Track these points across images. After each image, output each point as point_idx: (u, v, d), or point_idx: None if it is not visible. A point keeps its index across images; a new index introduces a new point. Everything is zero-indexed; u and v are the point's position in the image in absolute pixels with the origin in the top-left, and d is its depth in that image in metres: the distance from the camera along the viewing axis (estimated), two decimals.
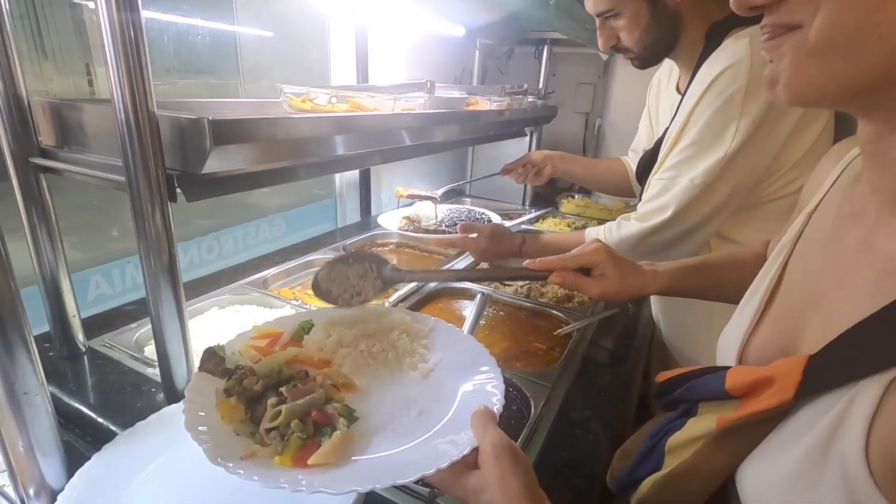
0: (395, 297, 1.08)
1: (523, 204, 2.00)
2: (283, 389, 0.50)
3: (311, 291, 1.16)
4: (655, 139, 1.08)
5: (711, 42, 0.90)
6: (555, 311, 1.07)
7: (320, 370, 0.57)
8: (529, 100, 1.59)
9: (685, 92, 0.94)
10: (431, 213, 1.49)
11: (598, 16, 0.98)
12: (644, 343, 1.05)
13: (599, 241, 0.74)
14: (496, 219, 1.57)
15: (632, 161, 1.31)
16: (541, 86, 1.88)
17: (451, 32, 1.65)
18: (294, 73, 1.50)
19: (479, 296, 1.11)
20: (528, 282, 1.18)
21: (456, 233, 1.13)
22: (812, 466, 0.33)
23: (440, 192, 1.47)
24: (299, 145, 0.72)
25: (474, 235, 1.07)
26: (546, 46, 1.88)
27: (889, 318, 0.31)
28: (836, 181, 0.48)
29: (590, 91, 2.23)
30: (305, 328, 0.64)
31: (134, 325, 0.89)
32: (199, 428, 0.46)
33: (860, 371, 0.31)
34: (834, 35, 0.31)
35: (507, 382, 0.79)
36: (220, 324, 0.93)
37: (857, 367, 0.32)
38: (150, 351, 0.83)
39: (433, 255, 1.45)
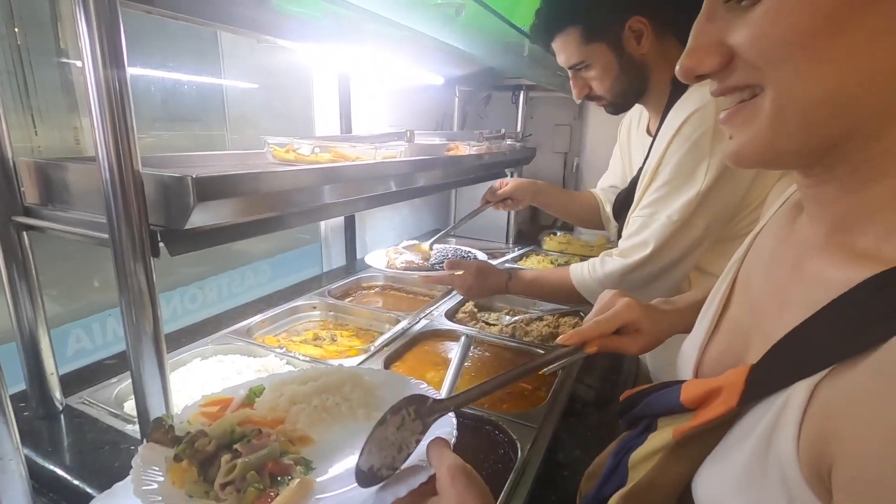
0: (379, 340, 1.08)
1: (507, 242, 2.04)
2: (237, 446, 0.50)
3: (295, 338, 1.16)
4: (630, 178, 1.12)
5: (677, 88, 0.95)
6: (540, 350, 1.08)
7: (274, 428, 0.57)
8: (508, 143, 1.65)
9: (656, 134, 1.00)
10: (419, 250, 1.51)
11: (569, 68, 1.03)
12: (629, 379, 1.06)
13: (625, 294, 0.71)
14: (482, 256, 1.59)
15: (601, 196, 1.36)
16: (519, 129, 1.95)
17: (431, 81, 1.72)
18: (279, 122, 1.54)
19: (463, 337, 1.11)
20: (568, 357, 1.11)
21: (443, 270, 1.15)
22: (756, 468, 0.35)
23: (428, 243, 1.49)
24: (284, 196, 0.74)
25: (461, 272, 1.08)
26: (522, 92, 1.97)
27: (812, 328, 0.34)
28: (778, 209, 0.51)
29: (567, 132, 2.31)
30: (257, 392, 0.64)
31: (114, 379, 0.87)
32: (151, 495, 0.45)
33: (791, 377, 0.33)
34: (786, 104, 0.33)
35: (493, 425, 0.79)
36: (202, 375, 0.92)
37: (788, 373, 0.33)
38: (131, 406, 0.81)
39: (419, 297, 1.46)
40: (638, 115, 1.20)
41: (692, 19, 0.38)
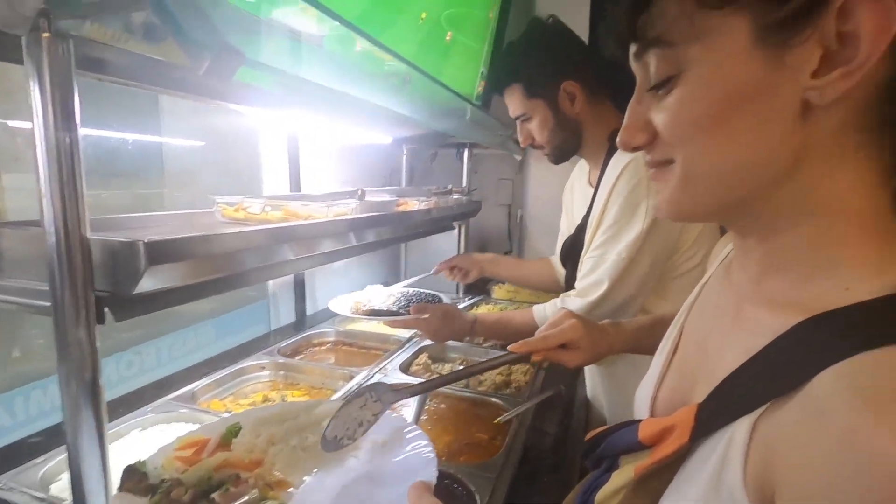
0: (332, 399, 1.06)
1: (457, 292, 2.08)
2: (214, 495, 0.48)
3: (243, 402, 1.11)
4: (575, 226, 1.22)
5: (614, 144, 1.06)
6: (494, 399, 1.10)
7: (252, 472, 0.55)
8: (455, 197, 1.73)
9: (598, 184, 1.10)
10: (382, 296, 1.49)
11: (515, 119, 1.16)
12: (581, 424, 1.09)
13: (574, 315, 0.83)
14: (447, 300, 1.60)
15: (556, 261, 1.46)
16: (464, 184, 2.05)
17: (380, 140, 1.79)
18: (224, 179, 1.53)
19: None
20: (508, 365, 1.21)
21: (408, 314, 1.16)
22: (710, 499, 0.37)
23: (397, 285, 1.51)
24: (236, 256, 0.74)
25: (426, 316, 1.10)
26: (466, 150, 2.08)
27: (750, 369, 0.38)
28: (724, 259, 0.57)
29: (509, 185, 2.44)
30: (233, 431, 0.62)
31: (39, 459, 0.80)
32: None
33: (734, 413, 0.36)
34: (693, 173, 0.40)
35: (451, 478, 0.79)
36: (141, 447, 0.86)
37: (732, 410, 0.37)
38: (59, 488, 0.75)
39: (372, 351, 1.45)
40: (579, 174, 1.32)
41: (623, 88, 0.45)
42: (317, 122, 1.53)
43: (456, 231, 2.04)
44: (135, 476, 0.51)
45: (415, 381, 1.17)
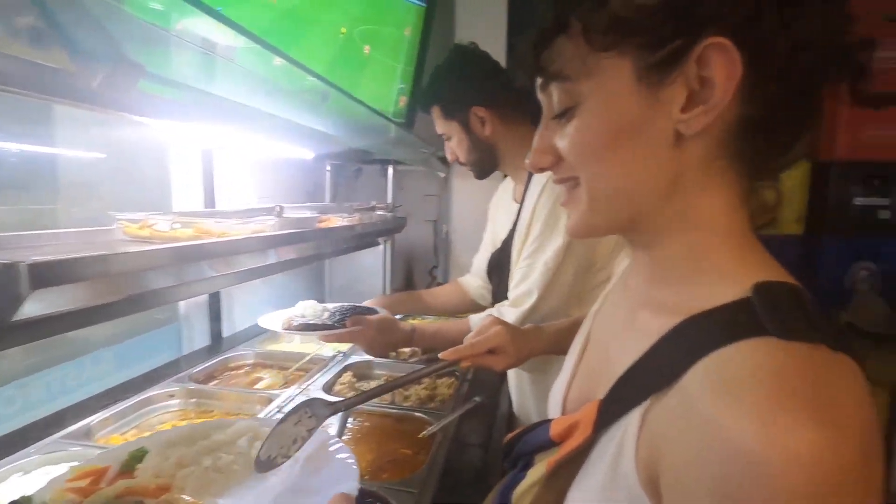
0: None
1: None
2: None
3: (147, 433, 1.03)
4: (501, 240, 1.28)
5: None
6: (418, 413, 1.10)
7: (158, 497, 0.51)
8: (379, 213, 1.73)
9: (522, 200, 1.16)
10: (316, 311, 1.43)
11: (441, 136, 1.24)
12: (503, 434, 1.13)
13: (499, 322, 0.88)
14: (383, 312, 1.57)
15: (469, 281, 1.52)
16: (389, 200, 2.06)
17: (301, 156, 1.76)
18: (130, 194, 1.43)
19: None
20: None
21: (344, 327, 1.13)
22: (609, 488, 0.41)
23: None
24: (138, 277, 0.69)
25: (362, 328, 1.09)
26: (390, 167, 2.10)
27: (640, 367, 0.43)
28: (624, 271, 0.63)
29: (435, 201, 2.49)
30: (137, 457, 0.58)
31: None
32: None
33: (627, 407, 0.41)
34: (597, 193, 0.45)
35: (373, 496, 0.78)
36: (21, 494, 0.77)
37: (626, 404, 0.41)
38: None
39: (294, 373, 1.40)
40: (503, 191, 1.39)
41: (539, 112, 0.50)
42: (233, 137, 1.48)
43: (381, 247, 2.04)
44: None
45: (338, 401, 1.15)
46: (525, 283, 1.09)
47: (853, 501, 0.29)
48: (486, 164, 1.23)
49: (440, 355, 0.83)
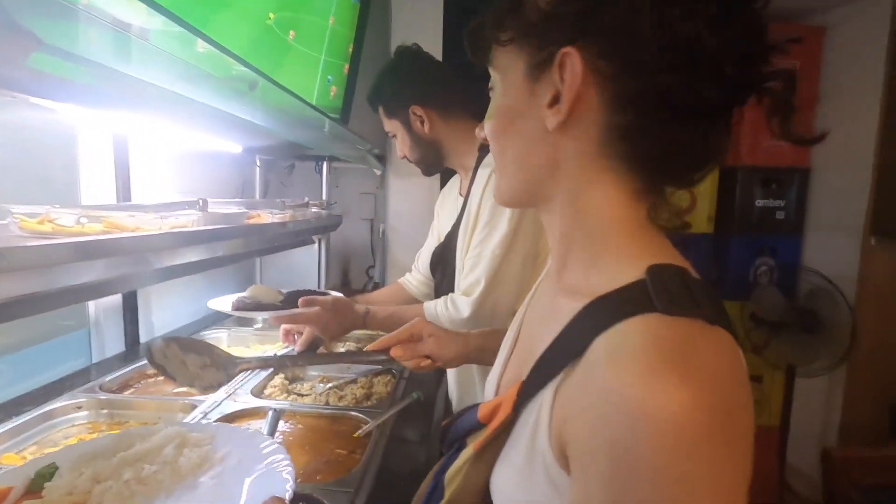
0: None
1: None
2: None
3: (50, 450, 0.93)
4: (445, 235, 1.29)
5: (483, 152, 1.16)
6: (354, 413, 1.08)
7: None
8: (314, 210, 1.68)
9: (468, 193, 1.18)
10: (270, 295, 1.33)
11: (387, 134, 1.27)
12: (437, 427, 1.13)
13: (423, 320, 0.93)
14: (337, 295, 1.49)
15: (409, 279, 1.52)
16: (324, 197, 2.00)
17: (228, 149, 1.67)
18: (29, 187, 1.28)
19: (270, 413, 1.05)
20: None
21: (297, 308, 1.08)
22: (528, 463, 0.43)
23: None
24: (38, 274, 0.63)
25: (316, 309, 1.05)
26: (325, 162, 2.05)
27: (554, 347, 0.45)
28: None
29: (371, 200, 2.45)
30: (46, 475, 0.52)
31: None
32: None
33: (542, 383, 0.44)
34: (502, 164, 0.51)
35: (306, 499, 0.76)
36: None
37: (541, 381, 0.44)
38: None
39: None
40: (451, 186, 1.41)
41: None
42: (151, 126, 1.37)
43: (316, 246, 1.99)
44: None
45: (269, 403, 1.10)
46: (474, 271, 1.10)
47: (720, 449, 0.34)
48: (429, 161, 1.26)
49: (366, 348, 0.84)
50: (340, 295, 1.19)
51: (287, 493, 0.53)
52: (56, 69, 0.80)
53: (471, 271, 1.12)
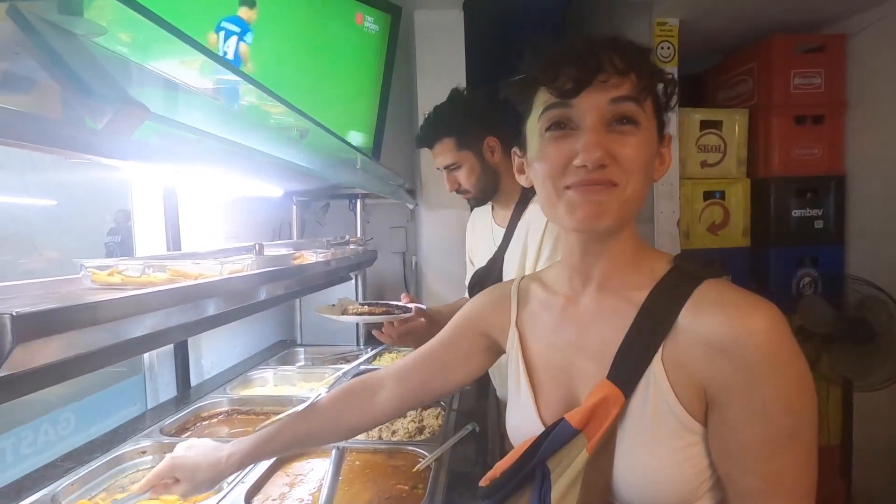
0: (231, 475, 0.96)
1: (357, 344, 2.03)
2: None
3: (120, 495, 0.95)
4: (486, 259, 1.35)
5: (527, 191, 1.26)
6: (409, 447, 1.08)
7: None
8: (352, 247, 1.72)
9: (511, 223, 1.28)
10: (357, 304, 1.38)
11: (444, 168, 1.32)
12: (496, 457, 1.12)
13: None
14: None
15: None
16: (359, 234, 2.05)
17: (270, 193, 1.73)
18: (83, 241, 1.35)
19: (333, 451, 1.06)
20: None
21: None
22: (658, 428, 0.52)
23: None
24: (117, 327, 0.66)
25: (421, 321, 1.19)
26: (358, 200, 2.10)
27: (635, 330, 0.55)
28: (517, 305, 0.70)
29: (402, 233, 2.50)
30: None
31: None
32: None
33: (645, 359, 0.53)
34: (630, 198, 0.55)
35: None
36: None
37: (642, 358, 0.53)
38: None
39: (269, 416, 1.34)
40: (480, 215, 1.48)
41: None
42: (198, 175, 1.45)
43: (353, 281, 2.02)
44: None
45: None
46: None
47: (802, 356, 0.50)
48: (489, 190, 1.33)
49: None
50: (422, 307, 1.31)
51: None
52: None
53: None
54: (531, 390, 0.63)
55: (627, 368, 0.53)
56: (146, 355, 1.47)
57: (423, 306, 1.32)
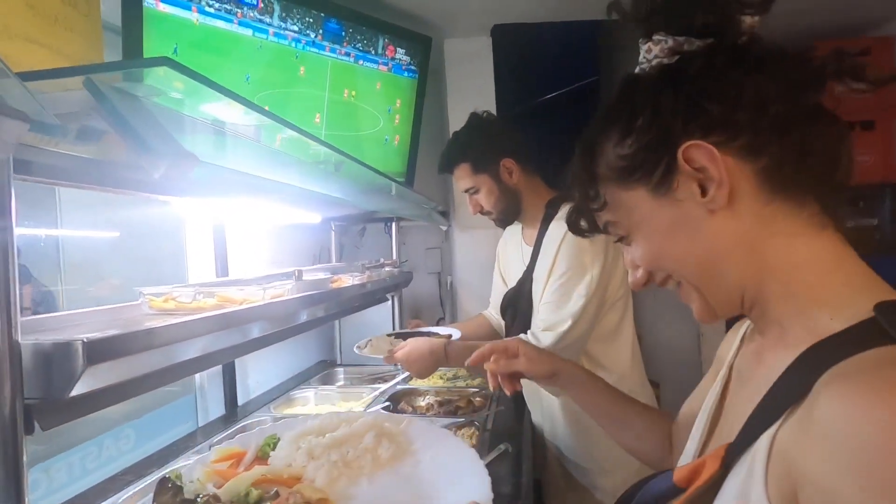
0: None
1: (394, 366, 2.07)
2: None
3: None
4: (516, 280, 1.38)
5: (551, 209, 1.29)
6: None
7: (291, 487, 0.53)
8: (387, 269, 1.78)
9: (537, 243, 1.29)
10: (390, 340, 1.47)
11: (465, 191, 1.36)
12: (529, 480, 1.12)
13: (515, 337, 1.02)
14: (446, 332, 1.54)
15: (492, 312, 1.61)
16: (394, 256, 2.11)
17: (310, 220, 1.83)
18: (142, 271, 1.47)
19: None
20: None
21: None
22: None
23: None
24: (173, 349, 0.72)
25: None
26: (393, 223, 2.17)
27: (769, 397, 0.45)
28: (741, 344, 0.63)
29: (437, 254, 2.55)
30: (270, 444, 0.60)
31: None
32: None
33: (757, 433, 0.43)
34: (697, 282, 0.51)
35: None
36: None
37: (756, 430, 0.44)
38: None
39: None
40: (510, 236, 1.50)
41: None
42: (244, 207, 1.55)
43: (389, 303, 2.07)
44: (168, 490, 0.48)
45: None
46: (560, 310, 1.20)
47: None
48: (510, 210, 1.35)
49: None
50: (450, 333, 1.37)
51: (489, 497, 0.55)
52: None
53: (556, 310, 1.20)
54: (704, 429, 0.59)
55: (745, 436, 0.45)
56: (197, 376, 1.56)
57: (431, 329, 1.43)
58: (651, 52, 0.51)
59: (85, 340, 0.54)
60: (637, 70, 0.53)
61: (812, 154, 0.46)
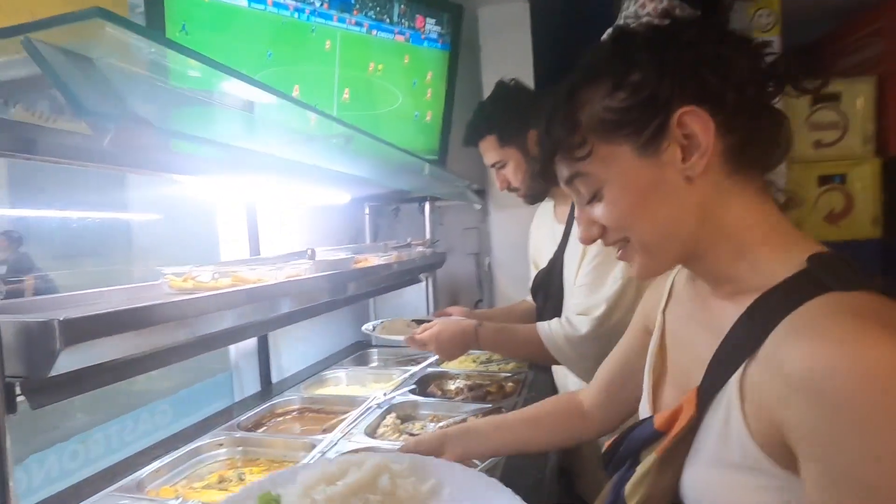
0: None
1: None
2: None
3: (197, 485, 1.04)
4: (547, 261, 1.30)
5: None
6: None
7: None
8: (418, 250, 1.73)
9: (569, 219, 1.21)
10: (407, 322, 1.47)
11: (492, 166, 1.29)
12: (553, 466, 1.05)
13: None
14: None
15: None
16: (427, 236, 2.06)
17: (339, 201, 1.81)
18: (182, 251, 1.51)
19: None
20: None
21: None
22: (722, 452, 0.48)
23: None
24: (176, 327, 0.71)
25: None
26: (427, 203, 2.12)
27: (728, 343, 0.51)
28: (671, 291, 0.69)
29: (475, 234, 2.47)
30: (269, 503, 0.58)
31: None
32: None
33: (724, 378, 0.49)
34: (646, 244, 0.54)
35: None
36: None
37: (722, 376, 0.49)
38: None
39: (338, 416, 1.39)
40: (542, 211, 1.43)
41: None
42: (273, 188, 1.54)
43: (423, 283, 2.04)
44: None
45: (383, 444, 1.12)
46: (595, 294, 1.12)
47: None
48: (539, 186, 1.27)
49: None
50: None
51: None
52: (190, 149, 0.94)
53: (591, 293, 1.12)
54: (650, 376, 0.66)
55: (711, 382, 0.50)
56: (232, 354, 1.60)
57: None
58: (645, 9, 0.53)
59: (61, 319, 0.53)
60: (622, 22, 0.56)
61: (767, 137, 0.52)
